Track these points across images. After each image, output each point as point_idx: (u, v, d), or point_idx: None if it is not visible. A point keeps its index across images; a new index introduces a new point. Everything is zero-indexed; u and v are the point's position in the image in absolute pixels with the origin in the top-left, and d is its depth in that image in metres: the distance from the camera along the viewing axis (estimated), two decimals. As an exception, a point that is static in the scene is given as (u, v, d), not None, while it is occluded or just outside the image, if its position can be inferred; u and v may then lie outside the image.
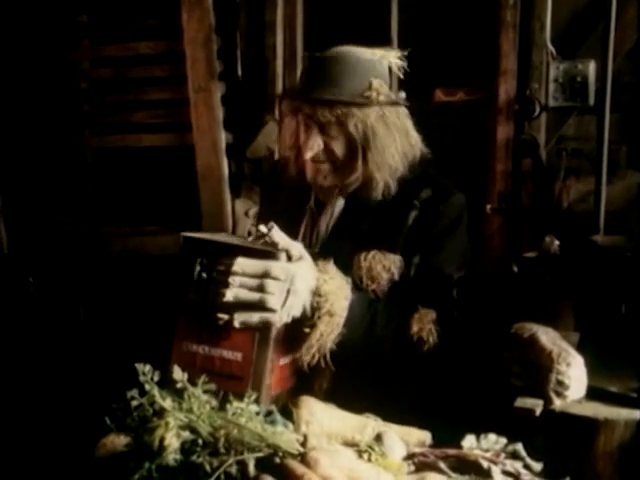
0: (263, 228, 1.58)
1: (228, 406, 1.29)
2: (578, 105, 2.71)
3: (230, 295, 1.52)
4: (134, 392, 1.29)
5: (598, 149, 2.51)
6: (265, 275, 1.56)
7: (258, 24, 3.24)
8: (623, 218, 2.65)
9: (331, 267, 1.72)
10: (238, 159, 3.34)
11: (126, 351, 3.02)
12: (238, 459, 1.21)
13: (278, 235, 1.59)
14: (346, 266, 1.84)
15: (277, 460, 1.20)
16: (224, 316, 1.53)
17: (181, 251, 1.66)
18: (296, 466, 1.16)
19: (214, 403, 1.31)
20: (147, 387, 1.28)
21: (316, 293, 1.66)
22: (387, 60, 1.96)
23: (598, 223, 2.48)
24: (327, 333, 1.69)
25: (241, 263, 1.55)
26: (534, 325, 2.07)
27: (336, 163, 1.88)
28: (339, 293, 1.70)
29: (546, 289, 2.52)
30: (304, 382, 1.77)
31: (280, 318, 1.59)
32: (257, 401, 1.38)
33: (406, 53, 1.97)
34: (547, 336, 2.00)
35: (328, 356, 1.70)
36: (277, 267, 1.57)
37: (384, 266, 1.90)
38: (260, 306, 1.55)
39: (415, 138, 1.98)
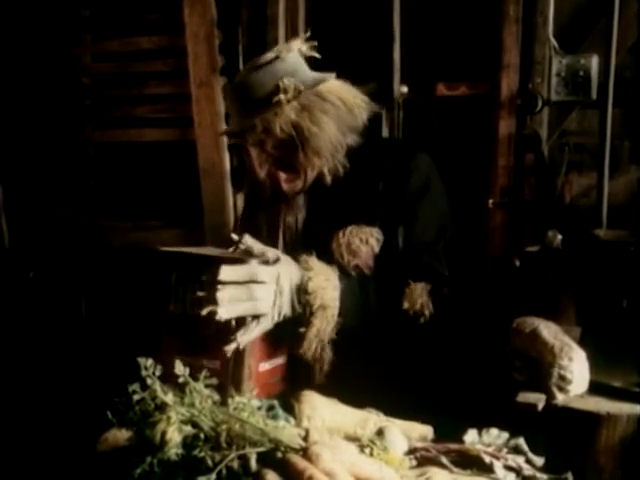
0: (235, 236, 1.60)
1: (230, 401, 1.29)
2: (581, 100, 2.71)
3: (224, 313, 1.54)
4: (136, 386, 1.29)
5: (600, 144, 2.51)
6: (251, 281, 1.57)
7: (260, 19, 3.24)
8: (625, 213, 2.65)
9: (314, 262, 1.74)
10: (240, 154, 3.33)
11: (127, 345, 3.02)
12: (240, 454, 1.21)
13: (251, 241, 1.61)
14: (328, 252, 1.86)
15: (279, 455, 1.20)
16: (229, 348, 1.55)
17: (156, 266, 1.68)
18: (298, 461, 1.16)
19: (216, 398, 1.31)
20: (149, 381, 1.28)
21: (304, 291, 1.67)
22: (294, 51, 1.99)
23: (600, 218, 2.48)
24: (324, 327, 1.71)
25: (226, 271, 1.56)
26: (536, 319, 2.07)
27: (289, 167, 1.93)
28: (327, 285, 1.72)
29: (548, 283, 2.52)
30: (304, 370, 1.78)
31: (273, 319, 1.60)
32: None
33: (312, 40, 2.00)
34: (549, 330, 2.00)
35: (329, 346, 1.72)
36: (261, 271, 1.60)
37: (361, 239, 1.92)
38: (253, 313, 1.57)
39: (357, 104, 2.00)
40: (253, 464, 1.20)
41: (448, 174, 3.06)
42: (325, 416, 1.47)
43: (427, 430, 1.59)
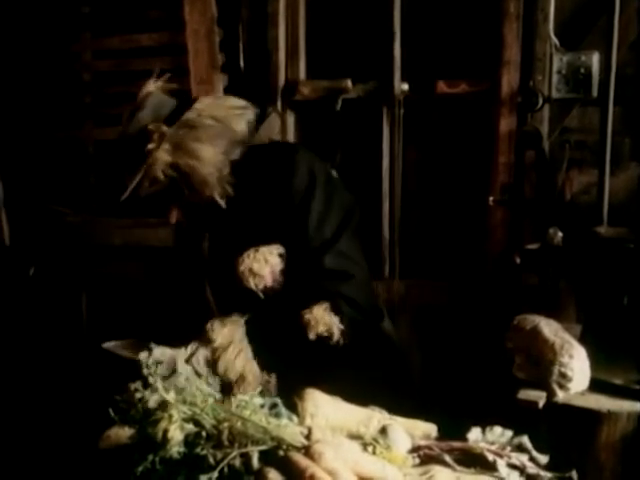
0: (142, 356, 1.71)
1: (232, 399, 1.29)
2: (581, 97, 2.70)
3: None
4: (138, 385, 1.29)
5: (601, 141, 2.51)
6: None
7: (260, 16, 3.23)
8: (626, 210, 2.65)
9: (218, 329, 1.79)
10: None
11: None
12: (242, 452, 1.21)
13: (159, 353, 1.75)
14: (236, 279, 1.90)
15: (281, 453, 1.20)
16: None
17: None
18: (300, 459, 1.16)
19: (218, 396, 1.31)
20: (150, 380, 1.29)
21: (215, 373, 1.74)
22: (154, 92, 1.98)
23: (601, 215, 2.48)
24: (251, 384, 1.75)
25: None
26: (537, 317, 2.07)
27: (195, 201, 1.95)
28: (235, 353, 1.80)
29: (549, 281, 2.52)
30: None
31: None
32: None
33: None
34: (549, 328, 2.00)
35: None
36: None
37: (261, 260, 1.92)
38: None
39: (232, 116, 2.00)
40: (255, 462, 1.21)
41: (449, 171, 3.10)
42: (328, 414, 1.47)
43: (430, 428, 1.59)
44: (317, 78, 3.22)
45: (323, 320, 1.84)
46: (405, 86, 3.03)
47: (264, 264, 1.90)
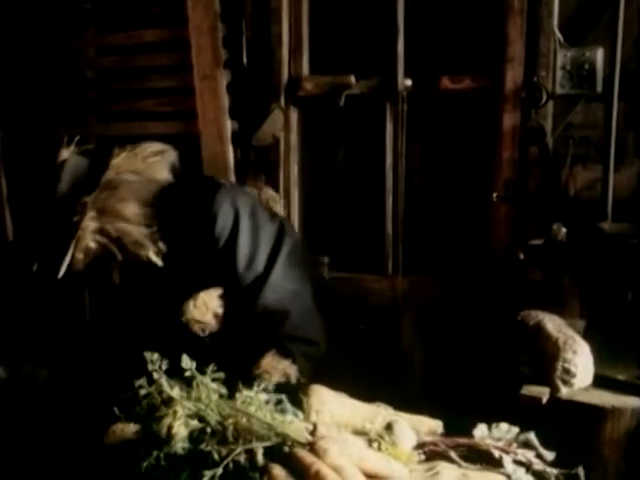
0: None
1: (237, 395, 1.29)
2: (586, 92, 2.69)
3: None
4: (142, 381, 1.29)
5: (606, 137, 2.51)
6: None
7: (263, 11, 3.23)
8: (630, 206, 2.64)
9: None
10: (244, 147, 3.33)
11: (132, 338, 3.03)
12: (247, 448, 1.21)
13: None
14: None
15: (286, 449, 1.20)
16: None
17: None
18: (305, 455, 1.16)
19: (223, 391, 1.31)
20: (155, 376, 1.29)
21: None
22: (69, 160, 1.97)
23: (605, 210, 2.48)
24: None
25: None
26: (540, 313, 2.08)
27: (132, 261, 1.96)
28: None
29: (552, 276, 2.52)
30: None
31: None
32: None
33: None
34: (553, 324, 2.00)
35: None
36: None
37: (201, 307, 1.92)
38: None
39: (152, 164, 1.99)
40: (260, 458, 1.20)
41: (452, 167, 3.09)
42: (334, 410, 1.47)
43: (436, 424, 1.59)
44: (320, 74, 3.22)
45: (275, 369, 1.84)
46: (408, 82, 3.03)
47: (205, 310, 1.90)
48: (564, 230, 2.43)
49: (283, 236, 2.03)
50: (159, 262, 1.92)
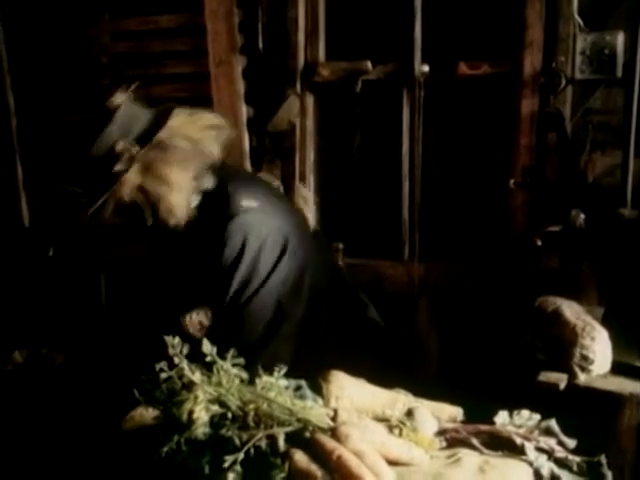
0: None
1: (257, 380, 1.29)
2: (605, 77, 2.67)
3: None
4: (163, 364, 1.29)
5: (625, 122, 2.48)
6: None
7: (279, -4, 3.22)
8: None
9: None
10: (259, 133, 3.32)
11: (148, 323, 3.04)
12: (268, 433, 1.22)
13: None
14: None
15: (307, 435, 1.20)
16: None
17: None
18: (326, 440, 1.16)
19: (244, 376, 1.31)
20: (176, 360, 1.29)
21: None
22: (123, 105, 1.93)
23: (625, 196, 2.46)
24: None
25: None
26: (558, 299, 2.07)
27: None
28: None
29: (571, 263, 2.50)
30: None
31: None
32: None
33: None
34: (571, 310, 1.99)
35: None
36: None
37: (196, 325, 1.92)
38: None
39: (207, 137, 1.96)
40: (281, 444, 1.21)
41: (469, 153, 3.07)
42: (353, 396, 1.46)
43: (456, 411, 1.59)
44: (336, 59, 3.20)
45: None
46: (426, 67, 3.00)
47: (199, 327, 1.92)
48: (583, 216, 2.42)
49: (280, 263, 2.00)
50: (182, 223, 1.91)
